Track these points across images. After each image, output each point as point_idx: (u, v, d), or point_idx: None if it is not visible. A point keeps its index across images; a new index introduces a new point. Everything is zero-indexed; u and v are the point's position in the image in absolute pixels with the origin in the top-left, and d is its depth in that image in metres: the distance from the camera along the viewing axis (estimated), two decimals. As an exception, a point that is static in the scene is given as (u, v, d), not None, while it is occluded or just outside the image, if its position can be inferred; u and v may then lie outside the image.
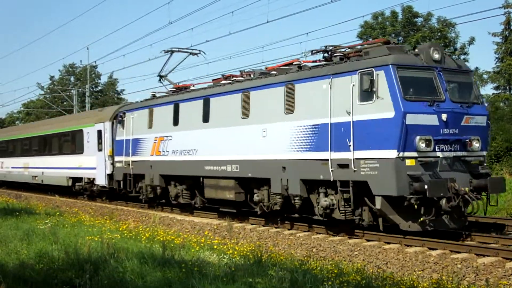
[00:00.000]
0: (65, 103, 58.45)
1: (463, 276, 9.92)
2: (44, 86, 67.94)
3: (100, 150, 23.38)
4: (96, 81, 67.56)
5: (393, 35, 43.84)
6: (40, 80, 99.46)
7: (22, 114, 72.95)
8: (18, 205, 24.07)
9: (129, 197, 22.45)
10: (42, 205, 24.57)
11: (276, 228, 15.39)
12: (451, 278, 9.59)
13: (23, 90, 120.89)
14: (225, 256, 10.82)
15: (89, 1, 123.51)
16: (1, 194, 32.38)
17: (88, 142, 24.57)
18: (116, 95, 68.41)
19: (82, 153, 25.14)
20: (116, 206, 23.22)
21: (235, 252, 11.43)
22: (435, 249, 11.59)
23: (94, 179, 24.09)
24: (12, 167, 35.27)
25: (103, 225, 16.10)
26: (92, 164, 23.91)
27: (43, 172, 29.60)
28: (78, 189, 26.05)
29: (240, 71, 17.41)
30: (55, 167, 28.03)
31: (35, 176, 30.51)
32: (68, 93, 56.89)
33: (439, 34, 40.18)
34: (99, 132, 23.61)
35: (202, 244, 12.79)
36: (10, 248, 11.36)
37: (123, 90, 69.54)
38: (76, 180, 26.18)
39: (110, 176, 22.63)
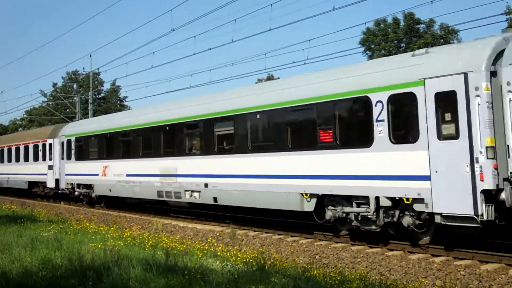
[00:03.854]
0: (67, 110, 58.61)
1: (467, 283, 9.91)
2: (47, 93, 68.31)
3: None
4: (99, 88, 67.80)
5: (396, 41, 43.96)
6: (43, 87, 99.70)
7: (25, 121, 73.10)
8: (22, 212, 24.14)
9: None
10: (45, 212, 24.64)
11: (279, 235, 15.40)
12: (454, 285, 9.58)
13: (26, 97, 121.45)
14: (228, 263, 10.81)
15: (92, 9, 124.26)
16: (5, 201, 32.50)
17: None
18: (118, 102, 68.63)
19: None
20: (119, 213, 23.26)
21: (238, 259, 11.43)
22: (438, 256, 11.57)
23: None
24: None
25: (107, 233, 16.11)
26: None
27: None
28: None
29: None
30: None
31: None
32: (71, 100, 57.05)
33: (441, 40, 40.24)
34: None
35: (205, 251, 12.80)
36: (13, 255, 11.38)
37: (126, 97, 69.89)
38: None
39: None
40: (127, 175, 21.76)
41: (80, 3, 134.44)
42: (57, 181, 28.66)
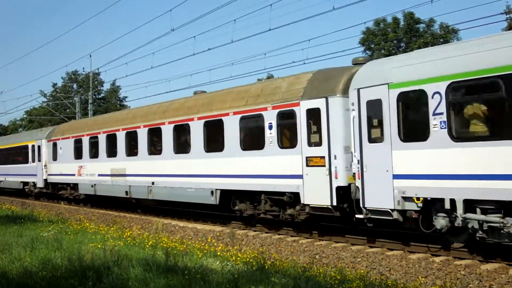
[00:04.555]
0: (67, 110, 58.64)
1: (467, 282, 9.91)
2: (47, 93, 68.32)
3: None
4: (99, 88, 67.82)
5: (395, 41, 43.96)
6: (43, 88, 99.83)
7: (25, 122, 73.13)
8: (22, 212, 24.13)
9: None
10: (45, 212, 24.63)
11: (279, 234, 15.39)
12: (454, 285, 9.58)
13: (26, 97, 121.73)
14: (228, 263, 10.81)
15: (92, 9, 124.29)
16: (4, 202, 32.47)
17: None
18: (118, 102, 68.65)
19: None
20: (119, 213, 23.24)
21: (238, 259, 11.42)
22: (439, 255, 11.57)
23: None
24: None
25: (107, 233, 16.11)
26: None
27: None
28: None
29: None
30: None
31: None
32: (70, 101, 57.06)
33: (441, 40, 40.24)
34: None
35: (205, 251, 12.80)
36: (13, 255, 11.38)
37: (126, 97, 69.94)
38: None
39: None
40: None
41: (80, 3, 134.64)
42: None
